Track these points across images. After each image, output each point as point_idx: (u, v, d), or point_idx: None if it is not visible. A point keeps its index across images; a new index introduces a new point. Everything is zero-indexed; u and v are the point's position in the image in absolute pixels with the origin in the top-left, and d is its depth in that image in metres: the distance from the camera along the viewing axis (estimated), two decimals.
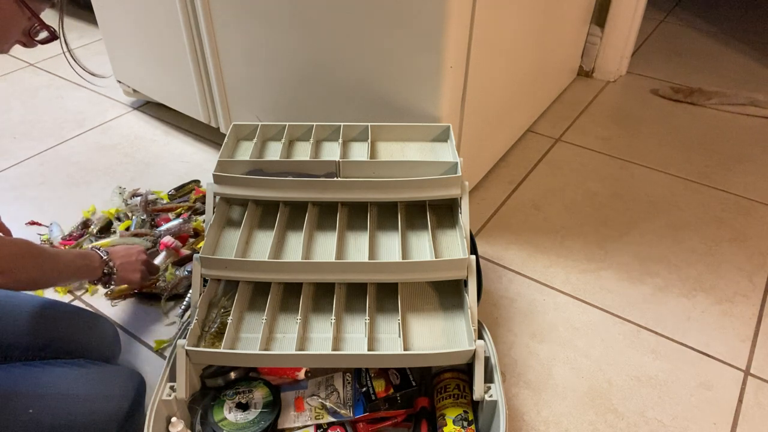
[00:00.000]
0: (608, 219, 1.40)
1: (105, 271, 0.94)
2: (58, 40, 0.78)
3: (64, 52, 0.79)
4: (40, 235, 1.33)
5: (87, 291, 1.21)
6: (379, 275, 0.90)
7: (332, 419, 0.91)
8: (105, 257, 0.94)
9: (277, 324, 0.91)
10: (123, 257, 0.99)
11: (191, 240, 1.30)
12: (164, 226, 1.32)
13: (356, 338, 0.89)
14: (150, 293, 1.19)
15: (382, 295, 0.95)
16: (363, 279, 0.91)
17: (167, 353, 0.98)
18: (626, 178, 1.53)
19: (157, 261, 1.22)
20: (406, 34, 1.04)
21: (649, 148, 1.64)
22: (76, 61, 0.83)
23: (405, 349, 0.86)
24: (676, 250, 1.31)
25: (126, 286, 1.17)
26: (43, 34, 0.77)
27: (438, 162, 0.98)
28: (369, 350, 0.85)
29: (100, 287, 1.21)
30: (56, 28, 0.76)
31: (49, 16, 0.75)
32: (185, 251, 1.27)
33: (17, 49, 0.78)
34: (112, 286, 0.96)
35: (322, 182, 0.96)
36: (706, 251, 1.31)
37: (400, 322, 0.88)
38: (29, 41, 0.77)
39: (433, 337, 0.89)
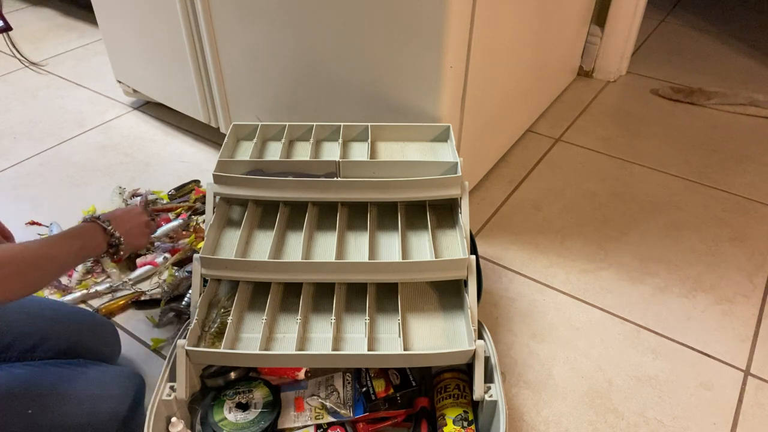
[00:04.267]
0: (608, 219, 1.40)
1: (111, 242, 0.88)
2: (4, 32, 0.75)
3: (6, 41, 0.77)
4: (40, 235, 1.33)
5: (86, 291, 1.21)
6: (379, 275, 0.90)
7: (332, 419, 0.91)
8: (109, 228, 0.88)
9: (277, 324, 0.91)
10: (127, 222, 0.93)
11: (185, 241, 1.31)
12: (163, 227, 1.32)
13: (356, 338, 0.88)
14: (150, 300, 1.19)
15: (382, 295, 0.95)
16: (363, 279, 0.91)
17: (167, 353, 0.98)
18: (626, 178, 1.53)
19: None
20: (406, 34, 1.04)
21: (649, 148, 1.64)
22: (18, 51, 0.80)
23: (405, 349, 0.86)
24: (676, 250, 1.31)
25: (122, 302, 1.17)
26: None
27: (438, 162, 0.98)
28: (369, 350, 0.85)
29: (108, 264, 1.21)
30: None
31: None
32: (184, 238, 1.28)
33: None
34: (121, 254, 0.92)
35: (322, 182, 0.96)
36: (706, 251, 1.31)
37: (400, 322, 0.88)
38: None
39: (433, 337, 0.89)
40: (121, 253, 0.90)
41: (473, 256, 0.90)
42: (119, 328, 1.12)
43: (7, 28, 0.73)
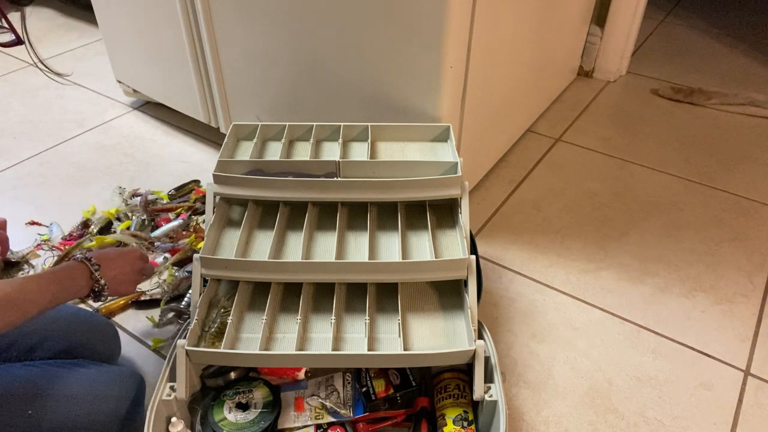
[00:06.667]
0: (608, 219, 1.40)
1: (95, 288, 0.83)
2: (21, 44, 0.74)
3: (30, 55, 0.77)
4: (40, 234, 1.33)
5: None
6: (379, 275, 0.90)
7: (332, 419, 0.91)
8: (96, 273, 0.83)
9: (277, 324, 0.91)
10: (118, 268, 0.87)
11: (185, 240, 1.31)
12: (163, 227, 1.32)
13: (356, 338, 0.88)
14: (150, 300, 1.18)
15: (382, 295, 0.95)
16: (363, 279, 0.91)
17: (167, 353, 0.98)
18: (626, 178, 1.53)
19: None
20: (407, 34, 1.04)
21: (649, 148, 1.64)
22: (44, 64, 0.80)
23: (405, 349, 0.86)
24: (676, 250, 1.31)
25: (122, 302, 1.17)
26: (7, 37, 0.73)
27: (438, 162, 0.98)
28: (369, 350, 0.85)
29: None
30: (20, 33, 0.73)
31: None
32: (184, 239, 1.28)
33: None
34: (103, 299, 0.88)
35: (322, 182, 0.96)
36: (706, 251, 1.31)
37: (400, 322, 0.88)
38: None
39: (433, 337, 0.89)
40: (103, 299, 0.86)
41: (473, 256, 0.90)
42: (119, 328, 1.12)
43: (19, 42, 0.73)
